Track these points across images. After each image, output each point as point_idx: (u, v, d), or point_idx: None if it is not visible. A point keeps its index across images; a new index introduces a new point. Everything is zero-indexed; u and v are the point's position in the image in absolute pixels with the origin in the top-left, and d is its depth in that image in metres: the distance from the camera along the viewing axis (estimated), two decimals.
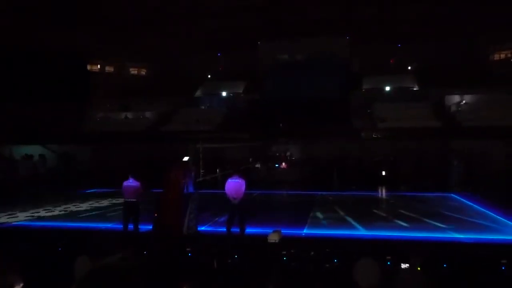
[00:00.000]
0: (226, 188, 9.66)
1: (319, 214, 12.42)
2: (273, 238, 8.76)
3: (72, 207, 14.17)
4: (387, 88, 28.45)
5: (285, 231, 9.54)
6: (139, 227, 9.74)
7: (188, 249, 8.01)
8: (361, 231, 10.15)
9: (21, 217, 12.26)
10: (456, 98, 25.21)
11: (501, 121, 20.36)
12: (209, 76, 33.36)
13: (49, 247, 8.44)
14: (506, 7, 23.64)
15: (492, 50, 29.07)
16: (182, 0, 25.81)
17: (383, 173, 19.84)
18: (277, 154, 22.65)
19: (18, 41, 24.40)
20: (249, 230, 9.87)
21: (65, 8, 24.52)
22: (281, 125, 22.85)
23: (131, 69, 34.68)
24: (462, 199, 14.84)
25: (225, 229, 9.70)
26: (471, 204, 13.85)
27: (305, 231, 10.38)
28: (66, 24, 25.69)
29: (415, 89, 28.23)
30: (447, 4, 25.30)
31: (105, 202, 15.15)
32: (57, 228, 10.99)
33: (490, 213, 12.14)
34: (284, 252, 7.68)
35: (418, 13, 26.50)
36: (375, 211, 13.00)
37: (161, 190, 9.57)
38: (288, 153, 22.50)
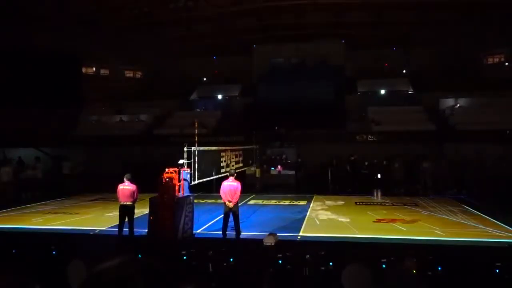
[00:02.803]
0: (221, 191, 9.65)
1: (314, 217, 12.42)
2: (269, 241, 8.76)
3: None
4: (382, 92, 28.59)
5: (280, 234, 9.54)
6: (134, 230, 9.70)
7: (183, 253, 7.97)
8: (356, 234, 10.17)
9: None
10: (450, 101, 25.40)
11: (495, 124, 20.57)
12: (204, 79, 33.37)
13: (42, 251, 8.36)
14: (498, 12, 23.90)
15: (485, 54, 29.31)
16: (177, 4, 25.82)
17: (378, 176, 19.86)
18: (273, 157, 22.65)
19: (12, 44, 24.26)
20: (245, 233, 9.86)
21: (60, 11, 24.44)
22: (276, 128, 22.89)
23: (126, 72, 34.56)
24: (456, 202, 14.91)
25: (220, 232, 9.68)
26: (465, 206, 13.91)
27: (300, 234, 10.38)
28: (62, 26, 25.60)
29: (409, 92, 28.42)
30: (440, 9, 25.53)
31: None
32: (51, 231, 10.91)
33: (484, 215, 12.20)
34: (280, 255, 7.67)
35: (413, 17, 26.70)
36: (369, 213, 13.02)
37: (156, 194, 9.54)
38: (283, 156, 22.51)
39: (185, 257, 7.80)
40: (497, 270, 6.56)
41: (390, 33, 28.76)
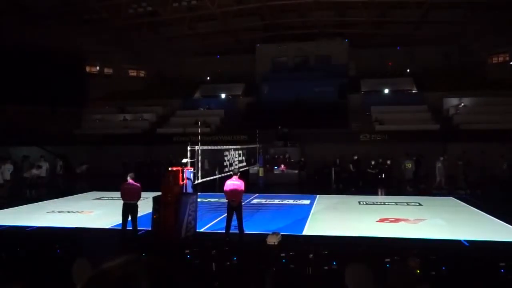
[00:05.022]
0: (225, 190, 9.65)
1: (317, 216, 12.40)
2: (272, 240, 8.75)
3: None
4: (385, 91, 28.51)
5: (283, 233, 9.53)
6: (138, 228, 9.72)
7: (186, 251, 7.98)
8: (359, 233, 10.13)
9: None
10: (454, 101, 25.31)
11: (499, 124, 20.48)
12: (208, 78, 33.41)
13: (47, 249, 8.39)
14: (502, 12, 23.78)
15: (489, 54, 29.16)
16: (181, 4, 25.84)
17: (382, 175, 19.79)
18: (276, 156, 22.64)
19: (17, 42, 24.37)
20: (248, 232, 9.85)
21: (65, 10, 24.52)
22: (279, 127, 22.89)
23: (130, 71, 34.66)
24: (460, 202, 14.84)
25: (223, 231, 9.68)
26: (469, 206, 13.85)
27: (304, 233, 10.36)
28: (66, 25, 25.68)
29: (413, 91, 28.32)
30: (445, 8, 25.43)
31: None
32: (55, 229, 10.94)
33: (488, 215, 12.13)
34: (283, 254, 7.67)
35: (417, 16, 26.61)
36: (373, 212, 12.98)
37: (160, 192, 9.55)
38: (287, 155, 22.49)
39: (188, 256, 7.81)
40: (502, 270, 6.53)
41: (394, 32, 28.69)
